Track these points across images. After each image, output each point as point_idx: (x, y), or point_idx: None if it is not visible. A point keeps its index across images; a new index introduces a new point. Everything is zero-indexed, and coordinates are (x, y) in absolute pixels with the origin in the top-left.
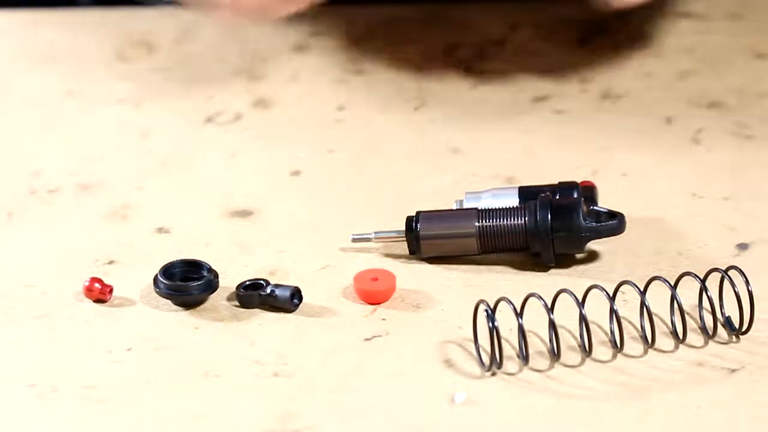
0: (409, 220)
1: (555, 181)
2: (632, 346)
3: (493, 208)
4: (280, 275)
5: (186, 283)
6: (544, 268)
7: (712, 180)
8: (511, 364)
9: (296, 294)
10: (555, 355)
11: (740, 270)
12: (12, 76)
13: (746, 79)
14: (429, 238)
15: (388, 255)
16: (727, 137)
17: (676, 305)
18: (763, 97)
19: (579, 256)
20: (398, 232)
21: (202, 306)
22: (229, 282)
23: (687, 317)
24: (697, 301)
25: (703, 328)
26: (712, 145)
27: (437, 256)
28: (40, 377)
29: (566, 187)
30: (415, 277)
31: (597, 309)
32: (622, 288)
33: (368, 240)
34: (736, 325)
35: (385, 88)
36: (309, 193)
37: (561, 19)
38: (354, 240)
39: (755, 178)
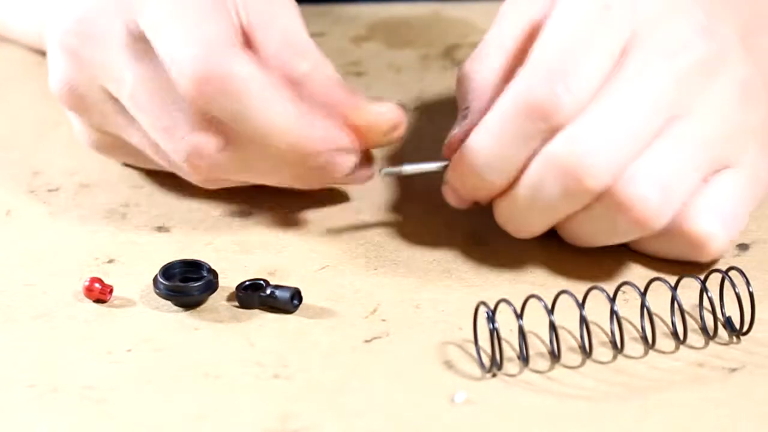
0: None
1: None
2: (632, 346)
3: None
4: (280, 275)
5: (186, 283)
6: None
7: None
8: (511, 365)
9: (296, 295)
10: (555, 356)
11: (741, 270)
12: (13, 75)
13: None
14: None
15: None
16: None
17: (676, 306)
18: None
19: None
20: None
21: (202, 306)
22: (229, 282)
23: (687, 318)
24: (697, 302)
25: (704, 329)
26: None
27: None
28: (40, 377)
29: None
30: (416, 276)
31: (597, 310)
32: (622, 288)
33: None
34: (737, 326)
35: (385, 88)
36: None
37: None
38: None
39: None
